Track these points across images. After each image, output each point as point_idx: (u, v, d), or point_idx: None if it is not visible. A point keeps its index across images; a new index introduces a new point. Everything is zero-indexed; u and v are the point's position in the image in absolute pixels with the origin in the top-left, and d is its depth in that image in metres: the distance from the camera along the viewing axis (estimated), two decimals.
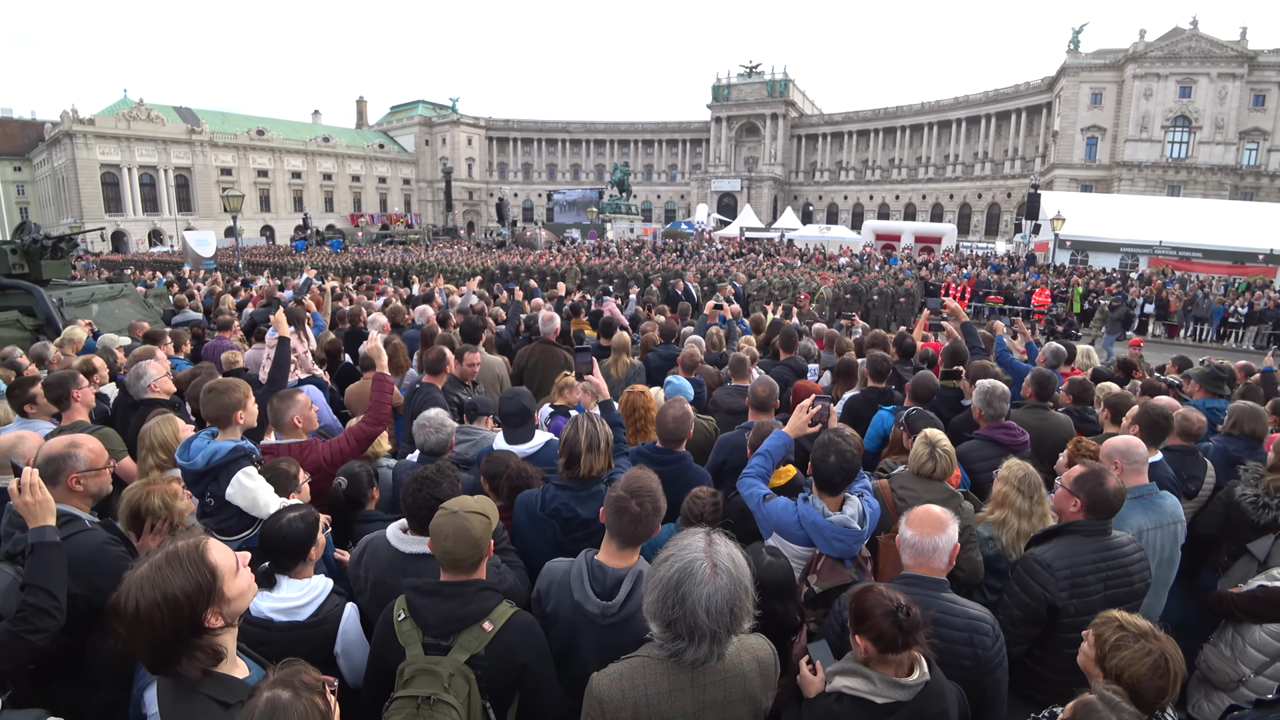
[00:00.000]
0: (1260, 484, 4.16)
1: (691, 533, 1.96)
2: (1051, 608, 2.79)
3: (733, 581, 1.84)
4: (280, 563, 2.56)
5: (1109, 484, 2.90)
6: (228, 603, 1.81)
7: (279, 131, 79.37)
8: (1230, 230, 32.00)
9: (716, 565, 1.84)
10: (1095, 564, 2.85)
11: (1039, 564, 2.83)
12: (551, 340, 6.50)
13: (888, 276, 23.34)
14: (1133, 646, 2.02)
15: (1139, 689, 1.98)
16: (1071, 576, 2.79)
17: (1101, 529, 2.93)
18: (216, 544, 1.86)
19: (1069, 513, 3.01)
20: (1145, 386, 6.18)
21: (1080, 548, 2.87)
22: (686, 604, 1.83)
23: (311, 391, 5.26)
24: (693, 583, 1.82)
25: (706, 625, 1.83)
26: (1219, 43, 52.34)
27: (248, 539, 3.10)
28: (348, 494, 3.46)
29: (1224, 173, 52.96)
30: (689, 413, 3.63)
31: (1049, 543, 2.96)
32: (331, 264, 30.59)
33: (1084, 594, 2.79)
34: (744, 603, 1.87)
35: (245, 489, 3.04)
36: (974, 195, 68.67)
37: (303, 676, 1.59)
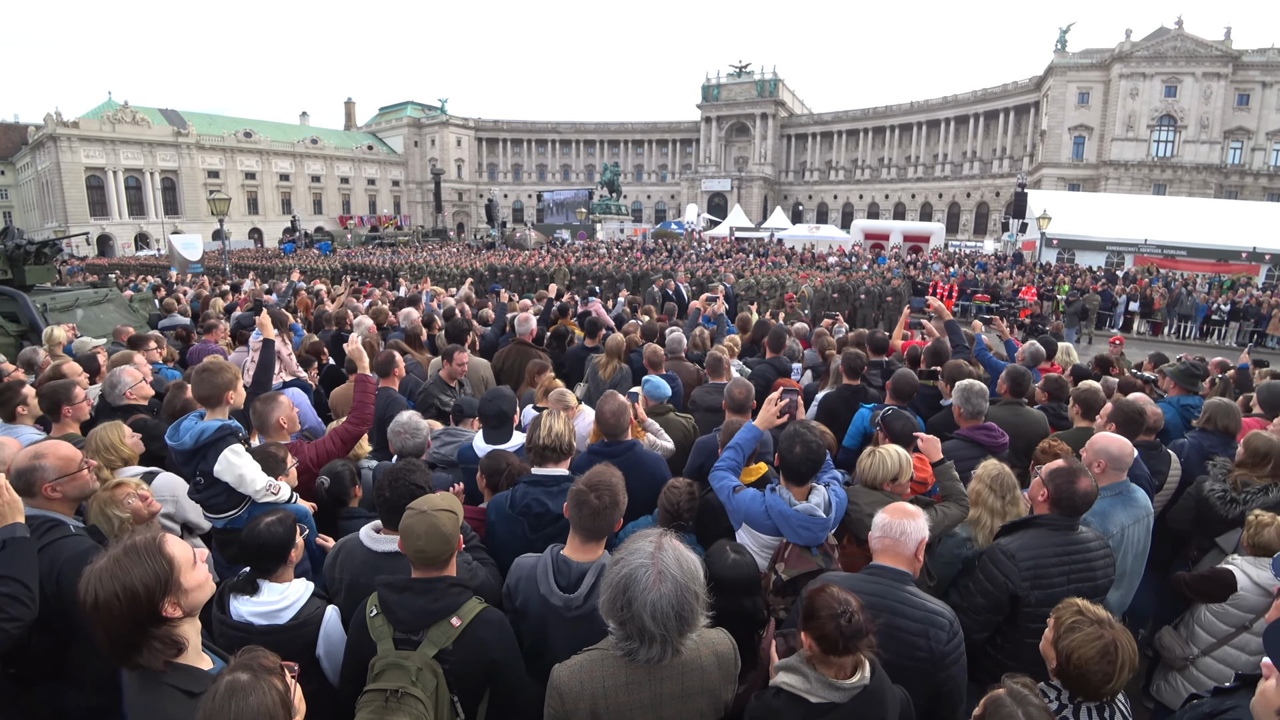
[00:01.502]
0: (1228, 479, 4.26)
1: (643, 535, 2.01)
2: (1013, 597, 2.86)
3: (678, 587, 1.88)
4: (261, 567, 2.61)
5: (1079, 484, 2.96)
6: (185, 593, 1.86)
7: (266, 133, 78.89)
8: (1214, 229, 32.30)
9: (662, 571, 1.88)
10: (1058, 557, 2.91)
11: (1003, 554, 2.91)
12: (527, 341, 6.53)
13: (875, 276, 23.46)
14: (1085, 630, 2.09)
15: (1085, 671, 2.06)
16: (1034, 567, 2.86)
17: (1067, 524, 2.99)
18: (173, 538, 1.92)
19: (1038, 503, 3.09)
20: (1121, 384, 6.29)
21: (1044, 540, 2.94)
22: (633, 608, 1.88)
23: (296, 394, 5.30)
24: (637, 589, 1.88)
25: (653, 629, 1.89)
26: (1203, 43, 52.81)
27: (235, 517, 3.18)
28: (330, 492, 3.52)
29: (1209, 171, 53.43)
30: (625, 404, 3.70)
31: (1015, 534, 3.03)
32: (320, 266, 30.46)
33: (1046, 585, 2.85)
34: (691, 606, 1.91)
35: (232, 465, 3.12)
36: (963, 194, 69.07)
37: (261, 660, 1.66)
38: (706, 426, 4.75)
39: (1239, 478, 4.20)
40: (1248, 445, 4.25)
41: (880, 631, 2.34)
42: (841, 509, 3.00)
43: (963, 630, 2.63)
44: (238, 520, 3.15)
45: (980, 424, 4.28)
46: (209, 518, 3.25)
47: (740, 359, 6.63)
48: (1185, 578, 3.93)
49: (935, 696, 2.43)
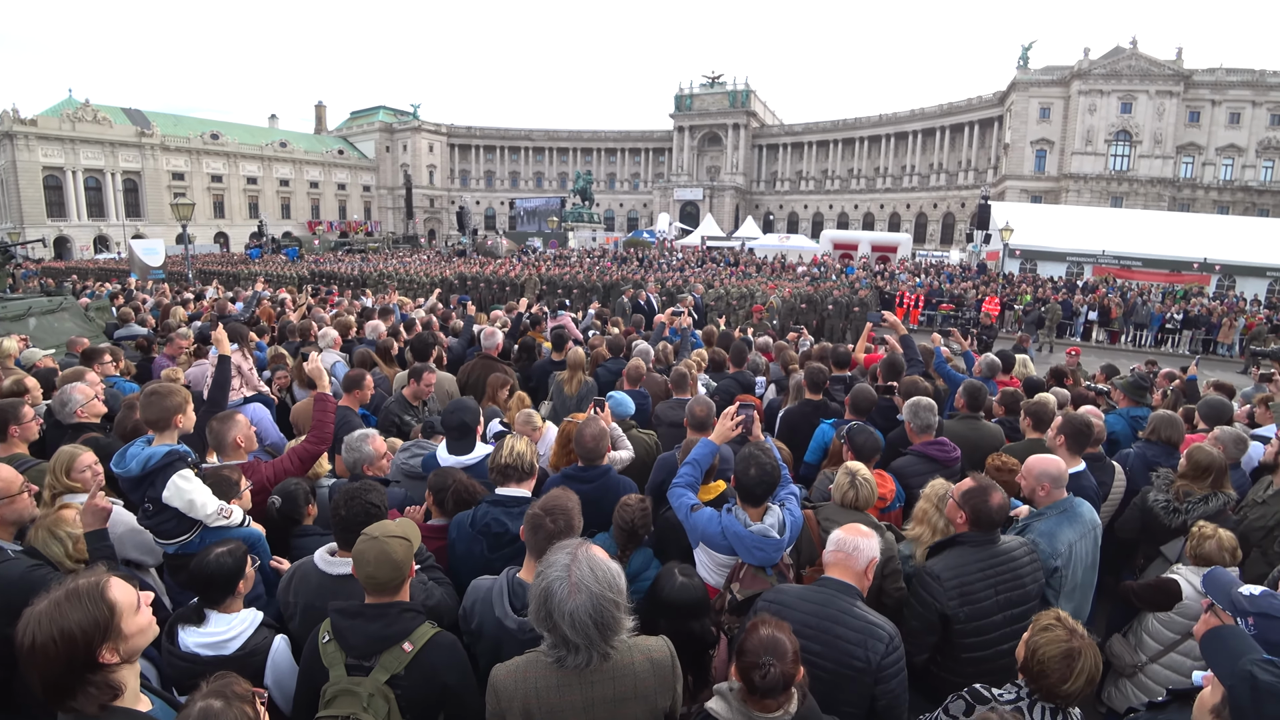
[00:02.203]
0: (1171, 489, 4.40)
1: (561, 547, 2.06)
2: (943, 616, 2.93)
3: (593, 597, 1.94)
4: (210, 597, 2.58)
5: (993, 500, 3.04)
6: (125, 640, 1.83)
7: (234, 135, 77.29)
8: (1168, 240, 33.36)
9: (576, 583, 1.94)
10: (983, 572, 2.99)
11: (929, 576, 2.99)
12: (493, 356, 6.50)
13: (843, 286, 23.79)
14: (1056, 632, 2.20)
15: (1046, 669, 2.15)
16: (959, 586, 2.93)
17: (988, 539, 3.07)
18: (119, 582, 1.89)
19: (958, 524, 3.17)
20: (1074, 396, 6.46)
21: (967, 558, 3.02)
22: (552, 619, 1.96)
23: (258, 410, 5.22)
24: (554, 601, 1.94)
25: (573, 638, 1.95)
26: (1157, 62, 54.74)
27: (187, 542, 3.12)
28: (282, 511, 3.47)
29: (1162, 185, 55.24)
30: (605, 430, 3.71)
31: (940, 554, 3.11)
32: (286, 273, 29.95)
33: (974, 601, 2.93)
34: (610, 614, 1.96)
35: (181, 490, 3.07)
36: (930, 205, 70.39)
37: (234, 687, 1.68)
38: (670, 441, 4.79)
39: (1181, 488, 4.34)
40: (1190, 457, 4.39)
41: (819, 639, 2.40)
42: (796, 529, 3.04)
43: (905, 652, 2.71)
44: (190, 545, 3.10)
45: (932, 439, 4.37)
46: (160, 543, 3.19)
47: (706, 373, 6.67)
48: (1133, 587, 4.07)
49: (873, 710, 2.48)
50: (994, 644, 2.95)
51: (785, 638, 2.01)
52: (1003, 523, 3.13)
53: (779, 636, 2.01)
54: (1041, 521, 3.58)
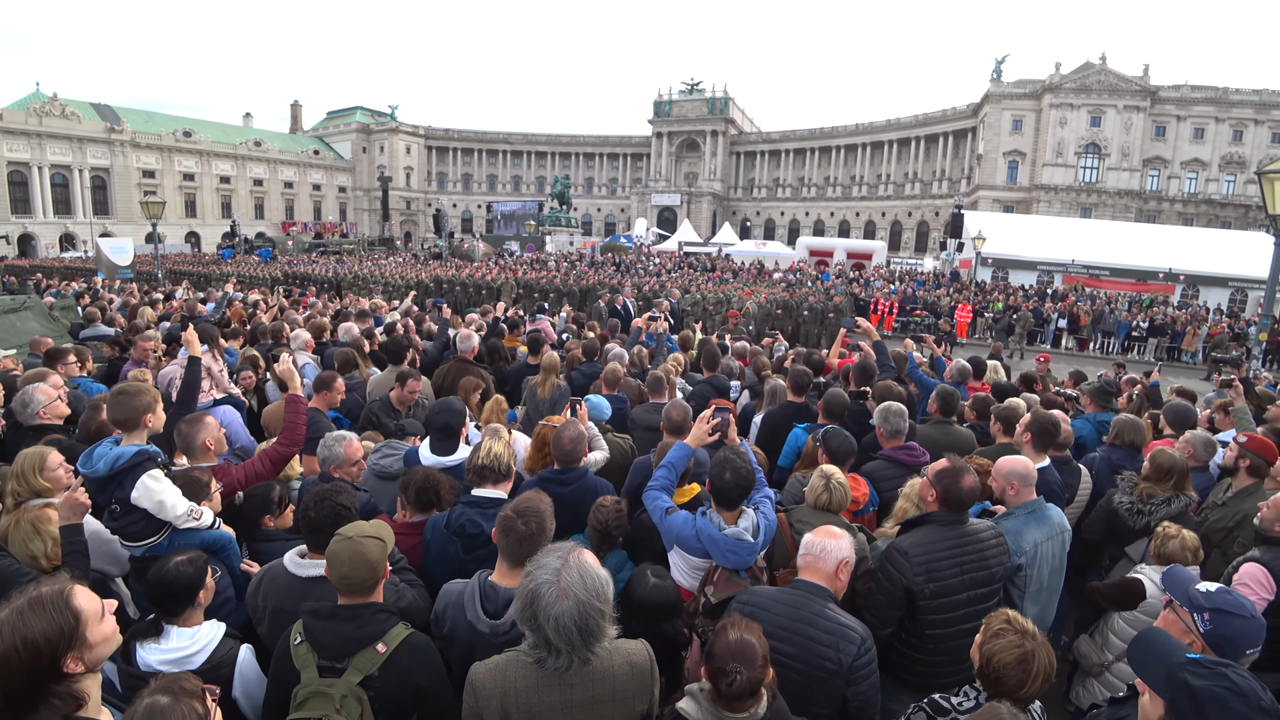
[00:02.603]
0: (1135, 492, 4.50)
1: (553, 550, 2.07)
2: (909, 592, 2.98)
3: (579, 604, 1.94)
4: (169, 609, 2.50)
5: (964, 481, 3.10)
6: (90, 649, 1.80)
7: (207, 133, 75.99)
8: (1134, 250, 34.24)
9: (564, 589, 1.94)
10: (949, 551, 3.04)
11: (897, 551, 3.04)
12: (468, 359, 6.47)
13: (818, 292, 24.03)
14: (1008, 638, 2.21)
15: (1002, 675, 2.18)
16: (927, 563, 2.98)
17: (957, 519, 3.12)
18: (83, 590, 1.85)
19: (928, 502, 3.23)
20: (1043, 401, 6.59)
21: (935, 536, 3.07)
22: (537, 622, 1.96)
23: (228, 412, 5.14)
24: (540, 604, 1.95)
25: (557, 642, 1.96)
26: (1125, 78, 56.20)
27: (154, 545, 3.06)
28: (244, 513, 3.41)
29: (1130, 197, 56.64)
30: (583, 432, 3.71)
31: (909, 532, 3.17)
32: (259, 274, 29.52)
33: (940, 579, 2.98)
34: (595, 621, 1.97)
35: (151, 491, 3.01)
36: (904, 213, 71.38)
37: (183, 683, 1.65)
38: (646, 445, 4.78)
39: (1145, 490, 4.44)
40: (1153, 460, 4.50)
41: (792, 641, 2.42)
42: (770, 532, 3.06)
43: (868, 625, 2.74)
44: (158, 548, 3.04)
45: (901, 444, 4.42)
46: (126, 546, 3.12)
47: (682, 377, 6.69)
48: (1099, 587, 4.16)
49: (845, 711, 2.50)
50: (957, 623, 3.00)
51: (755, 641, 2.02)
52: (972, 505, 3.18)
53: (748, 640, 2.02)
54: (1009, 520, 3.63)
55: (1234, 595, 2.18)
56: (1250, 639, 2.11)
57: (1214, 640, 2.11)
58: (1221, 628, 2.11)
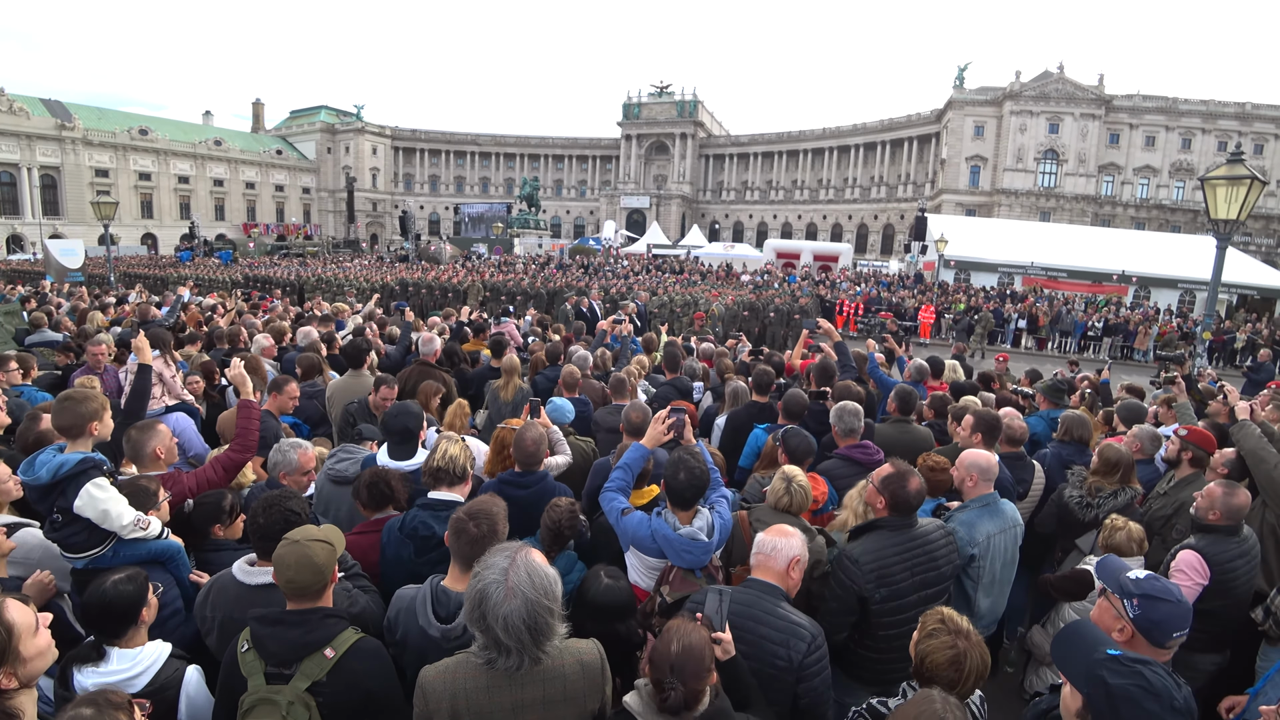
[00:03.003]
0: (1084, 486, 4.64)
1: (500, 550, 2.06)
2: (860, 598, 3.02)
3: (527, 603, 1.94)
4: (110, 630, 2.41)
5: (910, 485, 3.15)
6: (24, 663, 1.76)
7: (164, 131, 73.66)
8: (1090, 253, 35.35)
9: (513, 587, 1.94)
10: (900, 555, 3.10)
11: (849, 559, 3.08)
12: (430, 362, 6.41)
13: (785, 294, 24.27)
14: (941, 638, 2.25)
15: (935, 675, 2.23)
16: (878, 569, 3.03)
17: (905, 523, 3.17)
18: (15, 603, 1.82)
19: (878, 509, 3.27)
20: (999, 399, 6.75)
21: (885, 542, 3.12)
22: (486, 622, 1.95)
23: (181, 419, 5.01)
24: (488, 604, 1.94)
25: (506, 641, 1.95)
26: (1081, 86, 58.08)
27: (99, 556, 2.97)
28: (193, 521, 3.32)
29: (1086, 201, 58.56)
30: (544, 434, 3.70)
31: (860, 538, 3.21)
32: (219, 277, 28.84)
33: (891, 583, 3.03)
34: (544, 620, 1.97)
35: (95, 500, 2.91)
36: (870, 216, 72.53)
37: (109, 696, 1.61)
38: (609, 447, 4.80)
39: (1093, 484, 4.59)
40: (1101, 455, 4.65)
41: (743, 639, 2.44)
42: (726, 531, 3.08)
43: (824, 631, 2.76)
44: (101, 559, 2.95)
45: (856, 442, 4.48)
46: (67, 558, 3.02)
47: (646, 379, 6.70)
48: (1050, 579, 4.29)
49: (796, 708, 2.53)
50: (908, 623, 3.02)
51: (696, 650, 2.01)
52: (919, 506, 3.22)
53: (690, 650, 2.00)
54: (964, 513, 3.72)
55: (1161, 581, 2.26)
56: (1176, 622, 2.19)
57: (1143, 625, 2.19)
58: (1149, 612, 2.18)
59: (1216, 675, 3.88)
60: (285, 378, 5.09)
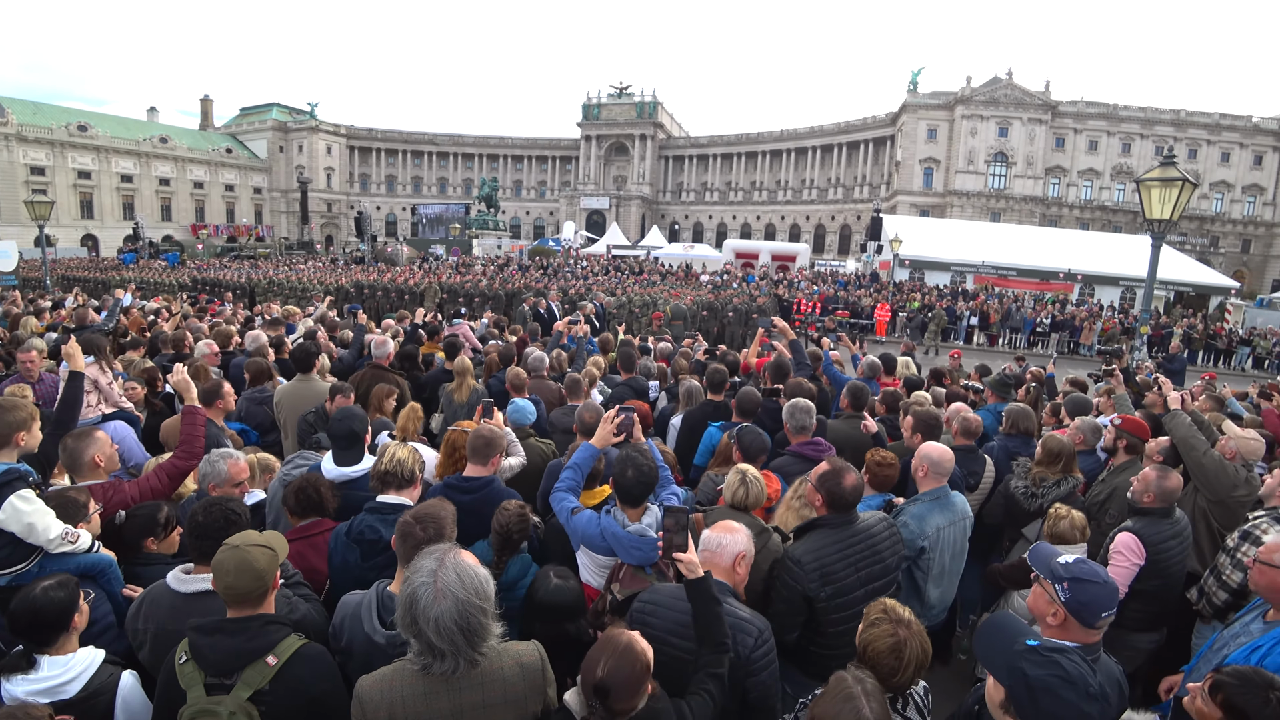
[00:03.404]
0: (1029, 476, 4.79)
1: (429, 553, 2.03)
2: (806, 598, 3.02)
3: (458, 604, 1.91)
4: (40, 638, 2.33)
5: (846, 481, 3.14)
6: None
7: (106, 128, 70.57)
8: (1038, 252, 36.65)
9: (442, 589, 1.91)
10: (842, 553, 3.08)
11: (791, 561, 3.06)
12: (383, 365, 6.29)
13: (744, 294, 24.49)
14: (882, 627, 2.29)
15: (876, 663, 2.26)
16: (820, 568, 3.02)
17: (845, 520, 3.16)
18: None
19: (817, 506, 3.28)
20: (949, 394, 6.92)
21: (826, 540, 3.10)
22: (418, 626, 1.92)
23: (120, 427, 4.81)
24: (418, 607, 1.92)
25: (439, 644, 1.92)
26: (1029, 92, 60.46)
27: (23, 572, 2.84)
28: (125, 533, 3.20)
29: (1034, 203, 60.82)
30: (496, 436, 3.66)
31: (802, 538, 3.20)
32: (165, 280, 27.87)
33: (836, 581, 3.03)
34: (477, 620, 1.94)
35: (19, 512, 2.79)
36: (828, 217, 73.77)
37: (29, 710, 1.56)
38: (564, 448, 4.74)
39: (1038, 475, 4.74)
40: (1044, 446, 4.81)
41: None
42: None
43: (774, 632, 2.76)
44: (26, 575, 2.83)
45: (808, 439, 4.52)
46: None
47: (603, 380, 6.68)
48: (998, 568, 4.41)
49: (745, 703, 2.54)
50: (857, 618, 3.07)
51: (625, 672, 1.97)
52: (857, 502, 3.23)
53: (618, 672, 1.97)
54: (914, 506, 3.80)
55: (1088, 564, 2.34)
56: (1105, 602, 2.27)
57: (1074, 607, 2.26)
58: (1079, 594, 2.26)
59: (1155, 654, 4.04)
60: (216, 383, 4.91)
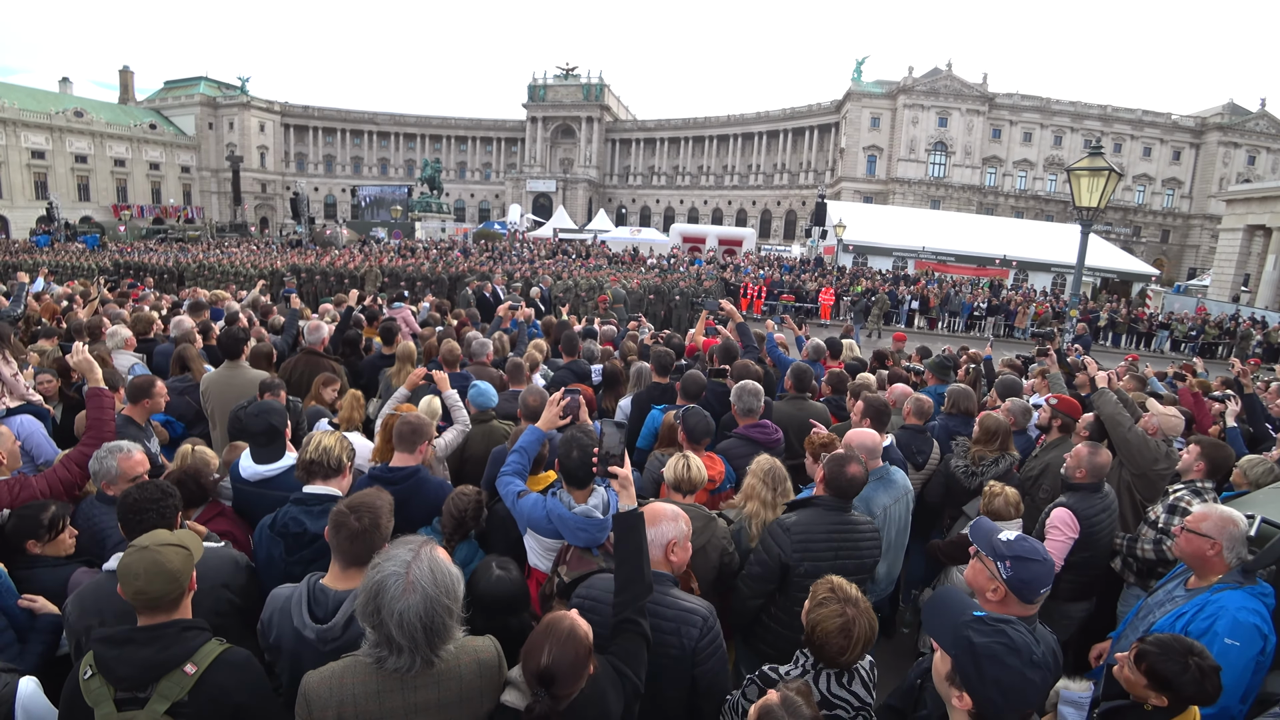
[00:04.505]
0: (968, 455, 4.91)
1: (404, 542, 1.93)
2: (783, 566, 3.09)
3: (426, 599, 1.83)
4: None
5: (848, 469, 3.24)
6: None
7: (12, 99, 65.32)
8: (976, 239, 38.03)
9: (413, 582, 1.83)
10: (828, 534, 3.18)
11: (781, 527, 3.16)
12: (318, 351, 6.05)
13: (689, 277, 24.59)
14: (831, 606, 2.29)
15: (826, 642, 2.27)
16: (805, 541, 3.11)
17: (840, 506, 3.27)
18: None
19: (817, 482, 3.38)
20: (891, 375, 7.05)
21: (818, 518, 3.21)
22: (380, 616, 1.83)
23: (28, 422, 4.48)
24: (385, 597, 1.82)
25: (399, 639, 1.83)
26: (967, 84, 62.13)
27: None
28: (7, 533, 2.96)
29: (972, 191, 62.82)
30: (426, 422, 3.54)
31: (796, 511, 3.30)
32: (83, 264, 26.32)
33: (814, 557, 3.10)
34: (442, 620, 1.86)
35: None
36: (774, 202, 74.62)
37: None
38: None
39: (976, 453, 4.87)
40: (982, 424, 4.94)
41: None
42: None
43: (741, 596, 2.72)
44: None
45: (756, 422, 4.53)
46: None
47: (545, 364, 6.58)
48: (938, 545, 4.52)
49: (694, 690, 2.51)
50: None
51: (569, 659, 1.93)
52: (856, 493, 3.31)
53: (561, 659, 1.92)
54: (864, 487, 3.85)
55: (1029, 542, 2.38)
56: (1044, 579, 2.32)
57: (1015, 585, 2.29)
58: (1021, 572, 2.29)
59: (1085, 622, 4.20)
60: (147, 378, 4.57)
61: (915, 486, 4.96)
